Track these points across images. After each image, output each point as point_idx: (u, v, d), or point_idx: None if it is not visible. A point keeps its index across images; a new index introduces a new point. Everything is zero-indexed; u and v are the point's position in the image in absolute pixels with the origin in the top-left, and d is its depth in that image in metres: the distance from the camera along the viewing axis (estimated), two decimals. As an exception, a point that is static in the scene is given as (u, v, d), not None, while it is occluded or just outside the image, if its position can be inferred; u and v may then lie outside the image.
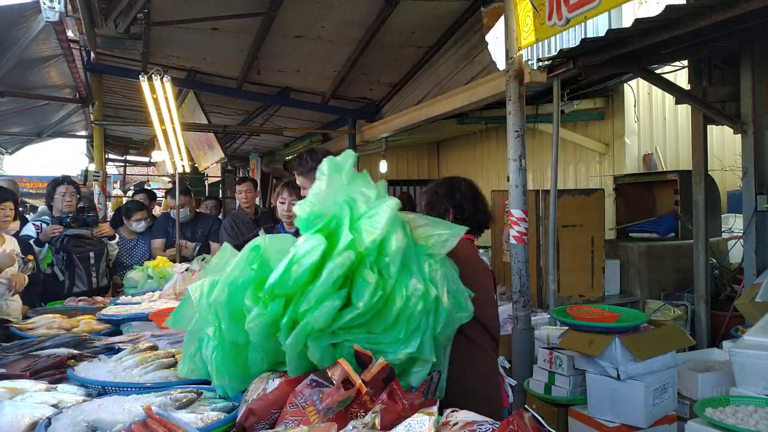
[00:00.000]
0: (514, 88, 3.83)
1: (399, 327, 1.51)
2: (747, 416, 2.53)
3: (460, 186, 2.33)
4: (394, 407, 1.30)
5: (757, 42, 4.26)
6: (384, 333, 1.51)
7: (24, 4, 5.19)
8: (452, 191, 2.30)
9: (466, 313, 1.71)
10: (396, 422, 1.23)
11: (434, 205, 2.30)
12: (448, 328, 1.65)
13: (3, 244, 3.74)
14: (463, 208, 2.28)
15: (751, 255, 4.37)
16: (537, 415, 1.17)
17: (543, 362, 3.45)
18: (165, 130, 5.63)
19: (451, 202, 2.28)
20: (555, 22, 3.46)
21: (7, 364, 2.05)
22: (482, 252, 2.39)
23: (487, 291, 2.16)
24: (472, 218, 2.28)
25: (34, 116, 9.87)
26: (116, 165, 16.03)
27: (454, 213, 2.27)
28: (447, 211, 2.28)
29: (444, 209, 2.28)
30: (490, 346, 2.18)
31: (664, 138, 6.78)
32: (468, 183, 2.37)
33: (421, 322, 1.54)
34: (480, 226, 2.34)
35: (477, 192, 2.35)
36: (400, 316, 1.51)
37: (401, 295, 1.51)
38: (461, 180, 2.38)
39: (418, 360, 1.56)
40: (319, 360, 1.48)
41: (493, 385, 2.21)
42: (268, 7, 5.42)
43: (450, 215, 2.27)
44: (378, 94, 7.84)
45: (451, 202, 2.28)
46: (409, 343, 1.51)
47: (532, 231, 4.69)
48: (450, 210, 2.28)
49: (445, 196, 2.30)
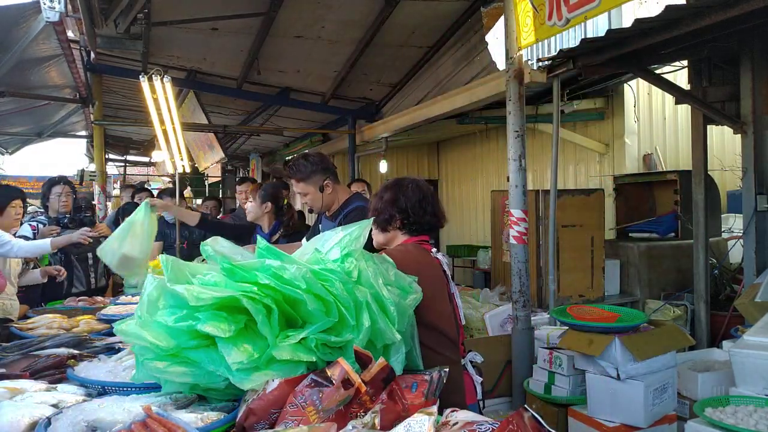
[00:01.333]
0: (514, 88, 3.83)
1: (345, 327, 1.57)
2: (747, 416, 2.53)
3: (405, 190, 2.25)
4: (394, 407, 1.30)
5: (757, 42, 4.26)
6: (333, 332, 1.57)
7: (24, 4, 5.20)
8: (397, 196, 2.23)
9: (413, 294, 1.80)
10: (396, 422, 1.23)
11: (380, 212, 2.25)
12: (403, 313, 1.71)
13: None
14: (408, 213, 2.21)
15: (751, 255, 4.37)
16: (537, 414, 1.17)
17: (543, 362, 3.45)
18: (165, 130, 5.64)
19: (396, 208, 2.22)
20: (555, 22, 3.46)
21: (7, 364, 2.05)
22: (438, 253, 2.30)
23: (431, 293, 2.06)
24: (419, 222, 2.23)
25: (34, 116, 9.87)
26: (116, 165, 16.05)
27: (401, 218, 2.22)
28: (393, 217, 2.23)
29: (389, 215, 2.23)
30: (443, 347, 2.11)
31: (664, 138, 6.78)
32: (415, 185, 2.28)
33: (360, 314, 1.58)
34: (430, 228, 2.28)
35: (424, 194, 2.27)
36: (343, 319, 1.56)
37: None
38: (408, 182, 2.30)
39: (389, 347, 1.62)
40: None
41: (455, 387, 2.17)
42: (268, 7, 5.42)
43: (397, 221, 2.23)
44: (378, 94, 7.84)
45: (396, 207, 2.22)
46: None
47: (532, 231, 4.69)
48: (396, 215, 2.23)
49: (390, 202, 2.24)
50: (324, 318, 1.52)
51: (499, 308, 4.32)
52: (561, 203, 4.61)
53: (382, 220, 2.25)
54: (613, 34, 3.60)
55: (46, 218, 4.45)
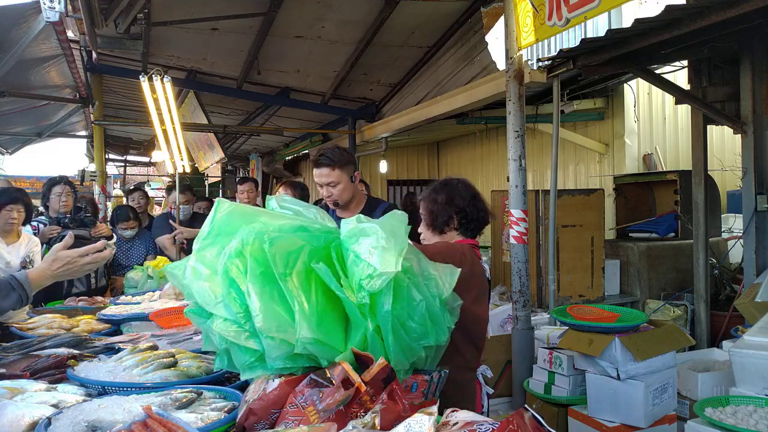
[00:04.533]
0: (514, 88, 3.83)
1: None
2: (747, 416, 2.53)
3: (458, 190, 2.29)
4: (394, 407, 1.30)
5: (757, 42, 4.26)
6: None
7: (24, 4, 5.20)
8: (453, 197, 2.26)
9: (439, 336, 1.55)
10: (396, 422, 1.23)
11: (437, 215, 2.26)
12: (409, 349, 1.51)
13: (20, 242, 3.74)
14: (466, 212, 2.25)
15: (751, 255, 4.37)
16: (537, 414, 1.17)
17: (543, 362, 3.45)
18: (165, 130, 5.64)
19: (454, 209, 2.25)
20: (555, 22, 3.46)
21: (7, 364, 2.05)
22: (483, 261, 2.34)
23: (475, 296, 2.09)
24: (476, 220, 2.27)
25: (34, 116, 9.87)
26: (116, 165, 16.05)
27: (458, 219, 2.25)
28: (451, 218, 2.25)
29: (448, 217, 2.25)
30: (471, 354, 2.14)
31: (664, 138, 6.79)
32: (465, 184, 2.33)
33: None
34: (483, 225, 2.32)
35: (474, 191, 2.32)
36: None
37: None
38: (457, 182, 2.34)
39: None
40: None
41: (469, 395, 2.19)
42: (268, 7, 5.42)
43: (455, 222, 2.25)
44: (378, 94, 7.84)
45: (454, 209, 2.25)
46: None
47: (532, 231, 4.69)
48: (454, 217, 2.25)
49: (446, 204, 2.25)
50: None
51: (499, 308, 4.32)
52: (561, 203, 4.61)
53: (440, 222, 2.25)
54: (613, 34, 3.60)
55: (47, 218, 4.45)
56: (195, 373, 1.86)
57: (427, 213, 2.30)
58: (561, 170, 6.93)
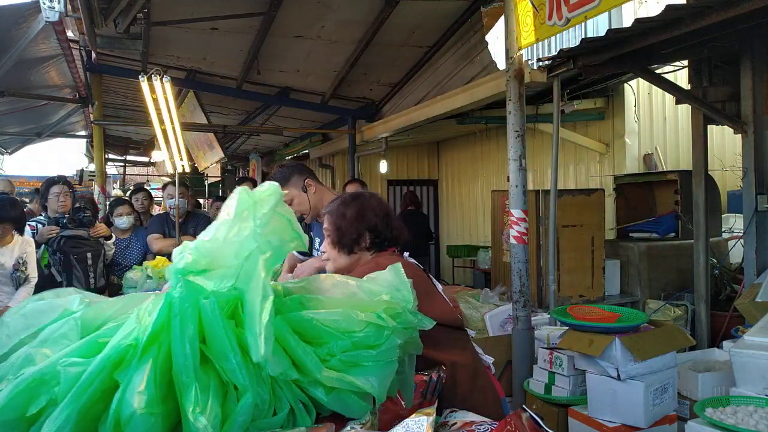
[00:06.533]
0: (514, 88, 3.83)
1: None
2: (747, 416, 2.52)
3: (371, 205, 2.07)
4: (393, 408, 1.30)
5: (757, 42, 4.26)
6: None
7: (24, 4, 5.20)
8: (364, 212, 2.04)
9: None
10: (394, 423, 1.23)
11: (345, 232, 2.03)
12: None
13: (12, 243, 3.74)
14: (378, 230, 2.04)
15: (752, 255, 4.36)
16: (535, 415, 1.17)
17: (543, 362, 3.44)
18: (165, 130, 5.63)
19: (365, 225, 2.03)
20: (555, 22, 3.46)
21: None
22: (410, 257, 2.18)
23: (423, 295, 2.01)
24: (389, 239, 2.08)
25: (34, 116, 9.87)
26: (116, 165, 16.06)
27: (370, 237, 2.04)
28: (361, 236, 2.03)
29: (357, 234, 2.03)
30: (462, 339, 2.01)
31: (664, 138, 6.78)
32: (377, 199, 2.14)
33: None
34: (395, 243, 2.12)
35: (388, 209, 2.14)
36: None
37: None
38: (368, 197, 2.14)
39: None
40: None
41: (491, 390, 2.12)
42: (268, 7, 5.42)
43: (366, 240, 2.04)
44: (378, 94, 7.84)
45: (364, 225, 2.03)
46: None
47: (532, 231, 4.68)
48: (366, 234, 2.03)
49: (356, 219, 2.04)
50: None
51: (499, 308, 4.31)
52: (561, 203, 4.61)
53: (348, 240, 2.03)
54: (613, 33, 3.59)
55: (45, 218, 4.45)
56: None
57: (333, 229, 2.06)
58: (561, 170, 6.92)
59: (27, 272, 3.81)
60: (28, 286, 3.79)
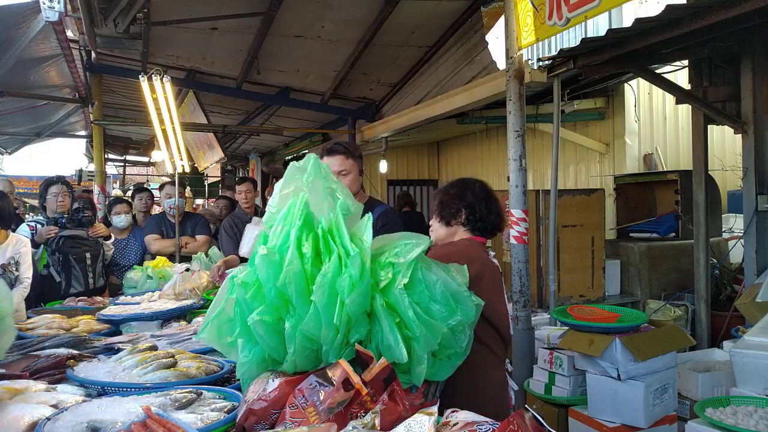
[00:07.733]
0: (514, 87, 3.83)
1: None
2: (747, 416, 2.52)
3: (473, 186, 2.31)
4: (395, 408, 1.30)
5: (757, 42, 4.26)
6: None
7: (24, 4, 5.20)
8: (464, 191, 2.28)
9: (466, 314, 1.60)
10: (396, 423, 1.23)
11: (446, 205, 2.28)
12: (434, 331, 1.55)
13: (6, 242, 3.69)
14: (474, 209, 2.25)
15: (752, 255, 4.36)
16: (537, 415, 1.17)
17: (543, 362, 3.44)
18: (165, 130, 5.63)
19: (463, 202, 2.26)
20: (555, 22, 3.46)
21: (6, 364, 2.04)
22: (494, 258, 2.36)
23: (492, 291, 2.11)
24: (484, 219, 2.27)
25: (34, 116, 9.87)
26: (116, 165, 16.05)
27: (466, 213, 2.26)
28: (459, 211, 2.26)
29: (456, 209, 2.26)
30: (497, 345, 2.16)
31: (665, 138, 6.78)
32: (481, 184, 2.35)
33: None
34: (492, 228, 2.33)
35: (490, 193, 2.33)
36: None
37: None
38: (474, 181, 2.36)
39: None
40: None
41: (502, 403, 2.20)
42: (268, 7, 5.41)
43: (462, 215, 2.26)
44: (378, 94, 7.84)
45: (463, 202, 2.26)
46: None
47: (533, 231, 4.68)
48: (462, 210, 2.26)
49: (456, 196, 2.27)
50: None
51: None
52: (561, 203, 4.61)
53: (447, 213, 2.28)
54: (613, 33, 3.60)
55: (44, 218, 4.43)
56: (194, 373, 1.86)
57: (437, 203, 2.34)
58: (561, 170, 6.92)
59: (17, 273, 3.68)
60: (21, 287, 3.66)
